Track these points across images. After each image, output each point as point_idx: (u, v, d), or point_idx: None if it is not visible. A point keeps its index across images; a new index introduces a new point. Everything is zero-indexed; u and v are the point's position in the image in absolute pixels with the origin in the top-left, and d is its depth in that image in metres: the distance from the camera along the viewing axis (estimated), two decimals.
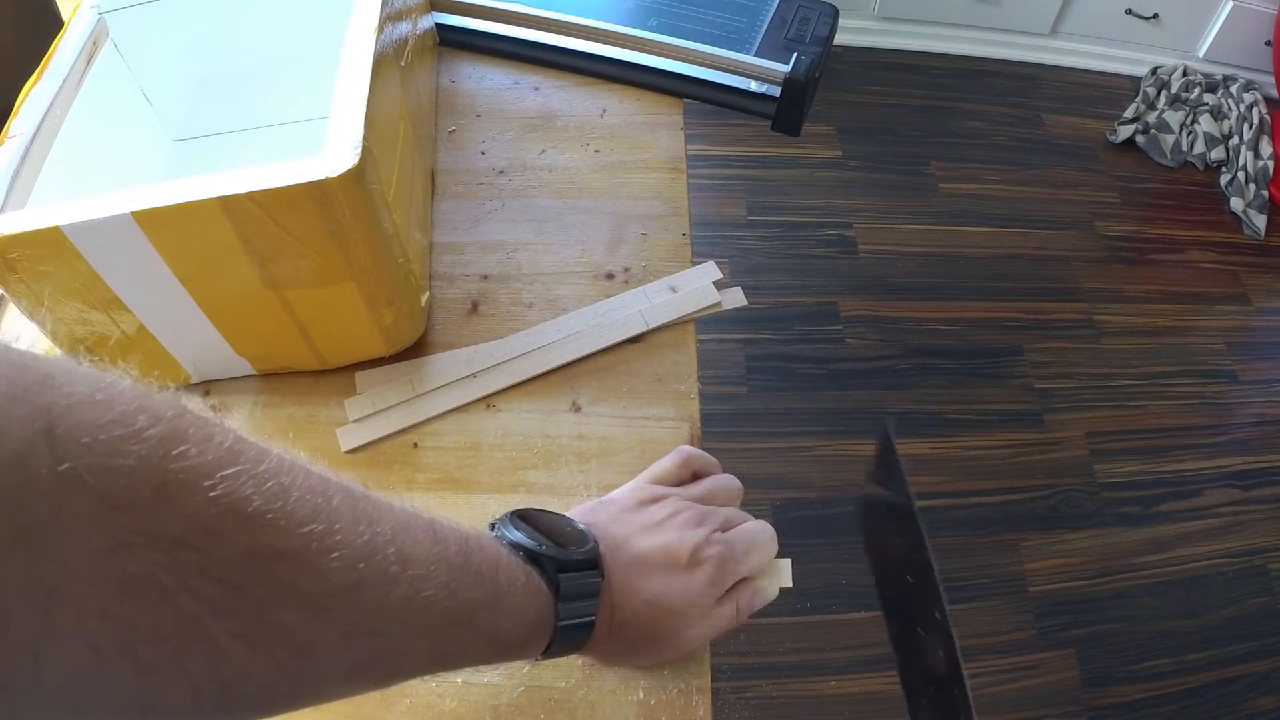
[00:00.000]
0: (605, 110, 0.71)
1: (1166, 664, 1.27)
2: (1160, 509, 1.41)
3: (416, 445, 0.55)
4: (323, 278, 0.49)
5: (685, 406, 0.56)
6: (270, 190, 0.43)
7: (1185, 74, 1.92)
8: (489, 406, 0.56)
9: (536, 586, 0.36)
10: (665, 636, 0.40)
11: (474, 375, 0.57)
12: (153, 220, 0.44)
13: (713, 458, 0.48)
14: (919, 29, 2.02)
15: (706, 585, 0.40)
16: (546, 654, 0.38)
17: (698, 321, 0.60)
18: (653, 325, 0.59)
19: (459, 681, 0.46)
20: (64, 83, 0.53)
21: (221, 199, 0.43)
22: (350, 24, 0.52)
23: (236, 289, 0.49)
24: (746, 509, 0.46)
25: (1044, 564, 1.34)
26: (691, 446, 0.49)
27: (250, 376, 0.57)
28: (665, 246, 0.63)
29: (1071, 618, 1.30)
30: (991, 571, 1.33)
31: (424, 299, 0.57)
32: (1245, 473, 1.46)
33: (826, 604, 1.28)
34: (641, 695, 0.45)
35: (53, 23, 0.70)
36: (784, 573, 0.45)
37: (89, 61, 0.56)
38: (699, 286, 0.60)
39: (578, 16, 0.72)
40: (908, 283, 1.66)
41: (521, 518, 0.39)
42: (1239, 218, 1.78)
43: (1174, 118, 1.88)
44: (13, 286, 0.47)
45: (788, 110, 0.70)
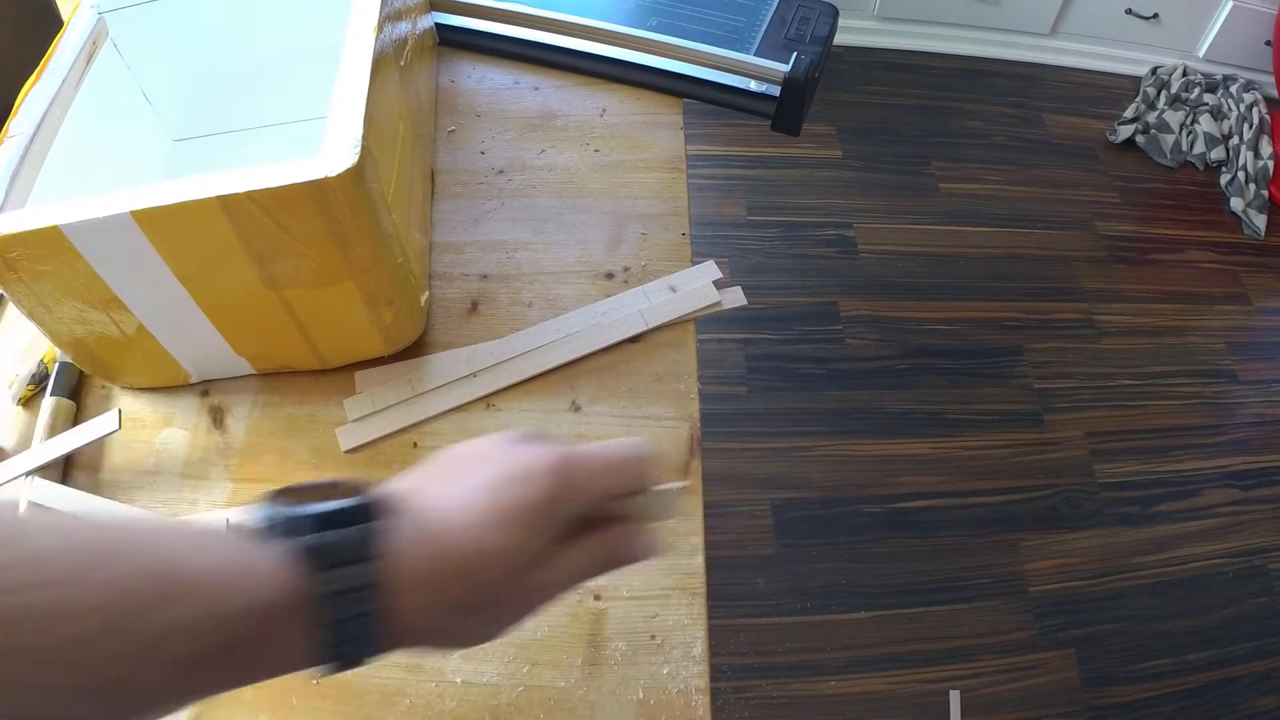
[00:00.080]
0: (605, 110, 0.71)
1: (1166, 664, 1.27)
2: (1160, 509, 1.41)
3: (416, 445, 0.55)
4: (322, 277, 0.49)
5: (685, 406, 0.56)
6: (270, 190, 0.43)
7: (1185, 74, 1.92)
8: (489, 406, 0.56)
9: (248, 565, 0.28)
10: (504, 586, 0.32)
11: (473, 375, 0.57)
12: (152, 220, 0.44)
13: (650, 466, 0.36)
14: (919, 29, 2.02)
15: (543, 502, 0.32)
16: (343, 650, 0.29)
17: (697, 321, 0.60)
18: (652, 325, 0.59)
19: (458, 681, 0.46)
20: (64, 83, 0.53)
21: (221, 199, 0.43)
22: (350, 24, 0.52)
23: (236, 289, 0.49)
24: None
25: (1044, 564, 1.34)
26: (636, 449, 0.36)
27: (250, 376, 0.58)
28: (665, 246, 0.63)
29: (1071, 618, 1.30)
30: (991, 571, 1.33)
31: (423, 299, 0.57)
32: (1245, 473, 1.46)
33: (826, 604, 1.28)
34: (641, 695, 0.45)
35: (53, 23, 0.70)
36: (670, 503, 0.36)
37: (89, 61, 0.56)
38: (699, 286, 0.60)
39: (578, 16, 0.72)
40: (908, 283, 1.66)
41: (285, 493, 0.31)
42: (1239, 218, 1.78)
43: (1174, 118, 1.88)
44: (13, 286, 0.47)
45: (788, 110, 0.70)
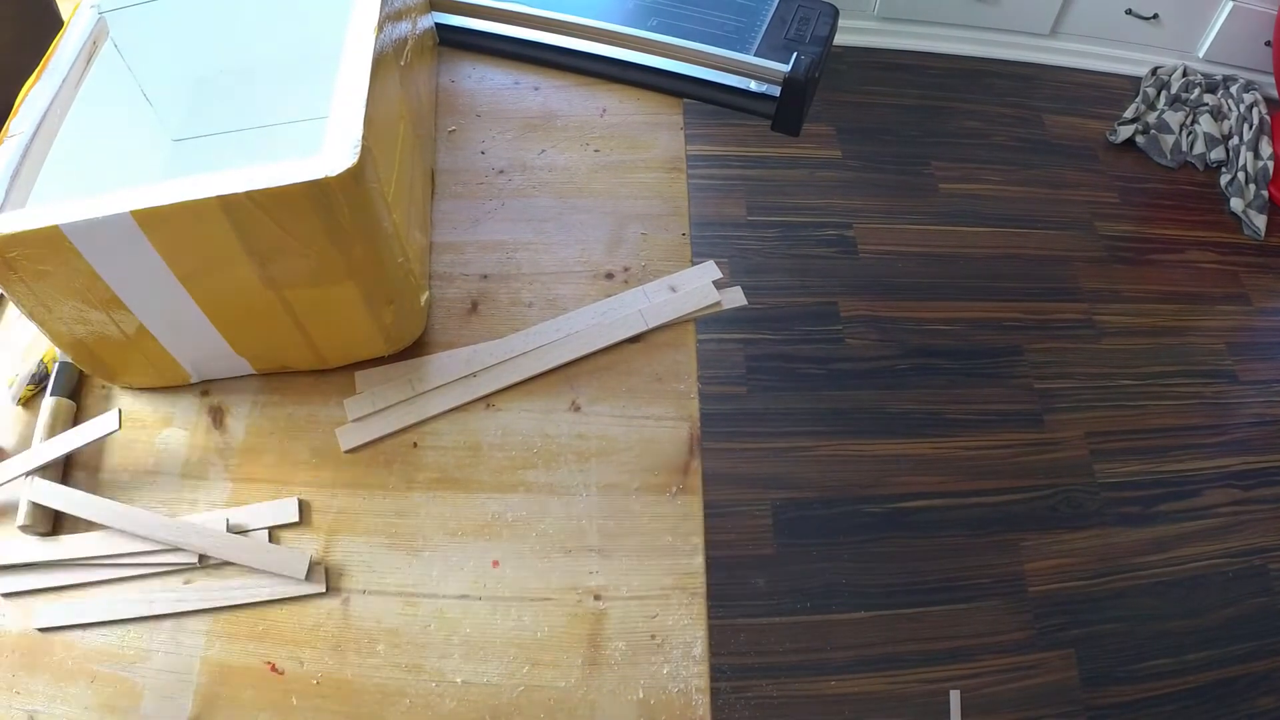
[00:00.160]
0: (605, 110, 0.71)
1: (1166, 664, 1.27)
2: (1160, 509, 1.41)
3: (416, 445, 0.55)
4: (322, 277, 0.49)
5: (685, 406, 0.56)
6: (270, 190, 0.43)
7: (1185, 74, 1.92)
8: (489, 406, 0.56)
9: None
10: None
11: (474, 375, 0.57)
12: (152, 220, 0.44)
13: None
14: (919, 29, 2.02)
15: None
16: None
17: (697, 321, 0.60)
18: (652, 325, 0.59)
19: (459, 681, 0.46)
20: (64, 82, 0.53)
21: (221, 198, 0.43)
22: (350, 24, 0.52)
23: (236, 288, 0.49)
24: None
25: (1044, 564, 1.34)
26: None
27: (250, 376, 0.58)
28: (665, 246, 0.63)
29: (1071, 618, 1.30)
30: (991, 571, 1.33)
31: (424, 298, 0.57)
32: (1245, 473, 1.46)
33: (826, 604, 1.28)
34: (641, 695, 0.45)
35: (53, 23, 0.70)
36: None
37: (89, 61, 0.56)
38: (699, 286, 0.60)
39: (578, 16, 0.72)
40: (908, 283, 1.66)
41: None
42: (1239, 218, 1.78)
43: (1174, 118, 1.88)
44: (13, 286, 0.47)
45: (788, 110, 0.70)
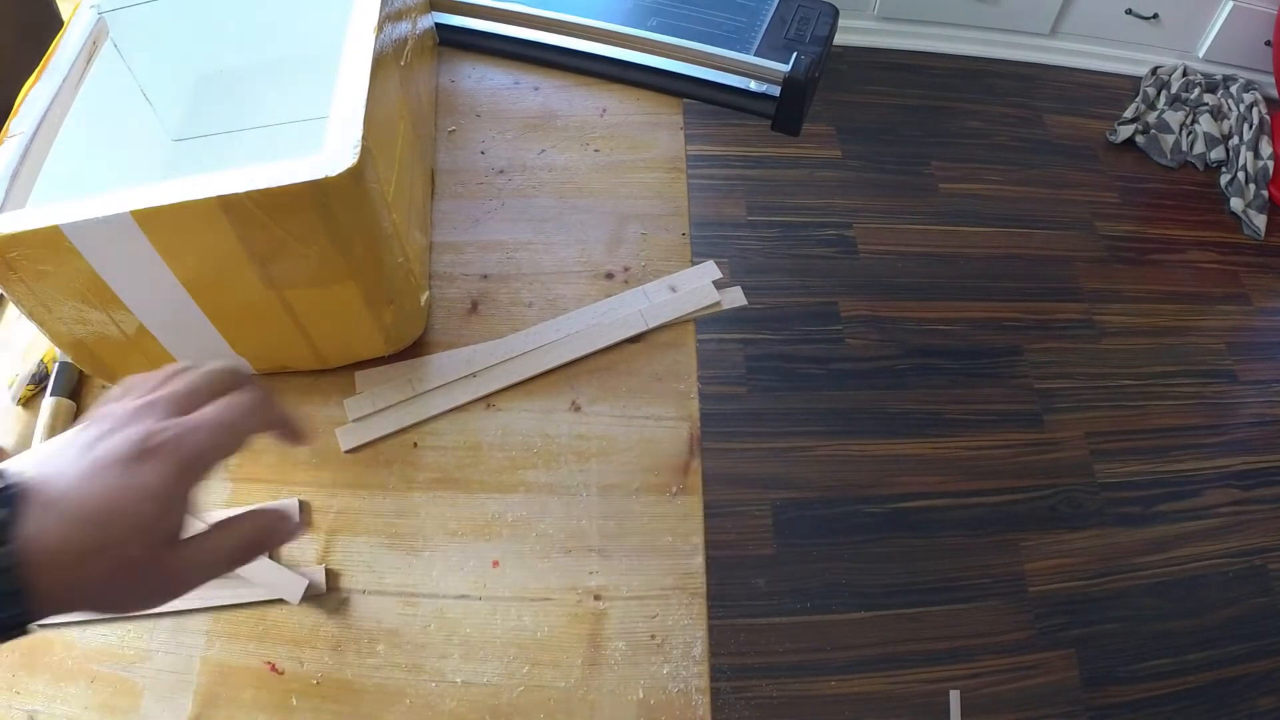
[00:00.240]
0: (605, 110, 0.71)
1: (1166, 664, 1.27)
2: (1160, 509, 1.41)
3: (416, 445, 0.55)
4: (322, 277, 0.49)
5: (685, 406, 0.56)
6: (269, 190, 0.43)
7: (1185, 74, 1.92)
8: (489, 406, 0.56)
9: None
10: (138, 567, 0.31)
11: (474, 375, 0.57)
12: (152, 220, 0.44)
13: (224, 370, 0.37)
14: (919, 29, 2.02)
15: (164, 483, 0.31)
16: None
17: (697, 321, 0.60)
18: (652, 325, 0.59)
19: (459, 681, 0.46)
20: (64, 82, 0.53)
21: (221, 199, 0.43)
22: (350, 24, 0.52)
23: (236, 288, 0.49)
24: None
25: (1044, 564, 1.34)
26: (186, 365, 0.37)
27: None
28: (665, 246, 0.63)
29: (1071, 618, 1.30)
30: (991, 571, 1.33)
31: (424, 298, 0.57)
32: (1245, 473, 1.46)
33: (826, 604, 1.28)
34: (641, 695, 0.45)
35: (53, 23, 0.70)
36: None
37: (89, 61, 0.56)
38: (699, 286, 0.60)
39: (578, 16, 0.72)
40: (908, 283, 1.66)
41: None
42: (1239, 218, 1.78)
43: (1174, 118, 1.88)
44: (13, 286, 0.47)
45: (788, 110, 0.70)
